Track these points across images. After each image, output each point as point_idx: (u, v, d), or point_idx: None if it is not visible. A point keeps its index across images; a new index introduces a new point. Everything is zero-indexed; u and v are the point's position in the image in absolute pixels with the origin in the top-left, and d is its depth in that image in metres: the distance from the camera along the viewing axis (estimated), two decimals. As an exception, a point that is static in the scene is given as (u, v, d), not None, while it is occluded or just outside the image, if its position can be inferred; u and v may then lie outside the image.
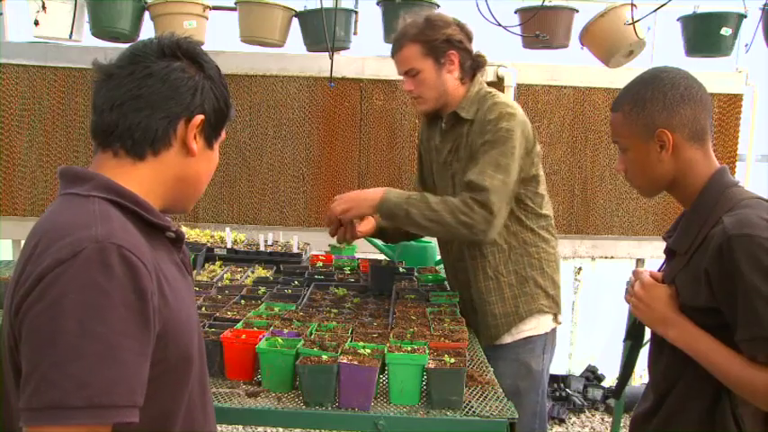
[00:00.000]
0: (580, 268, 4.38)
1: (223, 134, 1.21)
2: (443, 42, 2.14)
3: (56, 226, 1.00)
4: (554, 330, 2.30)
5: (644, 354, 1.64)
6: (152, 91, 1.08)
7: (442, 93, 2.19)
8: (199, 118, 1.12)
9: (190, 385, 1.12)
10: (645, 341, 1.64)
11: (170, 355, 1.04)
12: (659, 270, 1.53)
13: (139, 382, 0.96)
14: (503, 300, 2.21)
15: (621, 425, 3.21)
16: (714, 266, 1.31)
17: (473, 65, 2.21)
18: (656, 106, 1.40)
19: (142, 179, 1.11)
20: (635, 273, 1.50)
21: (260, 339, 1.67)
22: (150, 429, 1.04)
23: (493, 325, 2.21)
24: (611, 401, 4.02)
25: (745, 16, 3.51)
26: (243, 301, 2.14)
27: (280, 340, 1.67)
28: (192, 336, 1.12)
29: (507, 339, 2.22)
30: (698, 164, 1.42)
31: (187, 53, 1.13)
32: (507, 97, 2.30)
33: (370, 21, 3.60)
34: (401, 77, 2.24)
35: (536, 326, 2.23)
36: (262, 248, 2.92)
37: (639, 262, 4.05)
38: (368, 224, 2.33)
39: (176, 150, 1.12)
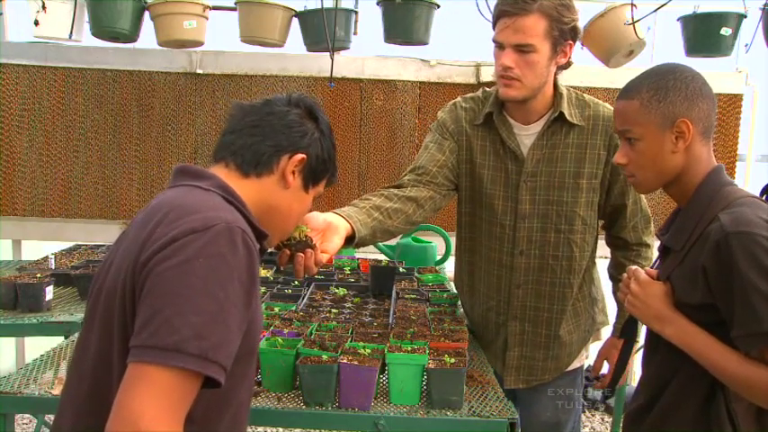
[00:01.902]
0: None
1: (321, 188, 1.35)
2: (570, 30, 1.80)
3: (185, 203, 1.12)
4: None
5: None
6: (269, 124, 1.26)
7: (543, 84, 1.84)
8: (300, 156, 1.27)
9: (247, 380, 1.21)
10: (641, 343, 1.64)
11: (242, 345, 1.10)
12: (653, 267, 1.53)
13: (234, 351, 1.05)
14: (578, 328, 2.01)
15: (621, 425, 3.21)
16: (711, 263, 1.31)
17: (568, 66, 1.89)
18: (678, 96, 1.39)
19: (246, 193, 1.22)
20: (630, 271, 1.50)
21: (260, 339, 1.67)
22: (207, 410, 1.12)
23: (566, 362, 2.00)
24: (611, 401, 4.02)
25: (745, 16, 3.51)
26: (243, 301, 2.13)
27: (280, 340, 1.67)
28: (259, 335, 1.24)
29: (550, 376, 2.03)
30: (701, 160, 1.42)
31: (307, 107, 1.32)
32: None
33: (370, 21, 3.60)
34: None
35: (585, 353, 2.07)
36: (262, 248, 2.91)
37: (639, 262, 4.03)
38: (333, 235, 1.61)
39: (276, 179, 1.26)
